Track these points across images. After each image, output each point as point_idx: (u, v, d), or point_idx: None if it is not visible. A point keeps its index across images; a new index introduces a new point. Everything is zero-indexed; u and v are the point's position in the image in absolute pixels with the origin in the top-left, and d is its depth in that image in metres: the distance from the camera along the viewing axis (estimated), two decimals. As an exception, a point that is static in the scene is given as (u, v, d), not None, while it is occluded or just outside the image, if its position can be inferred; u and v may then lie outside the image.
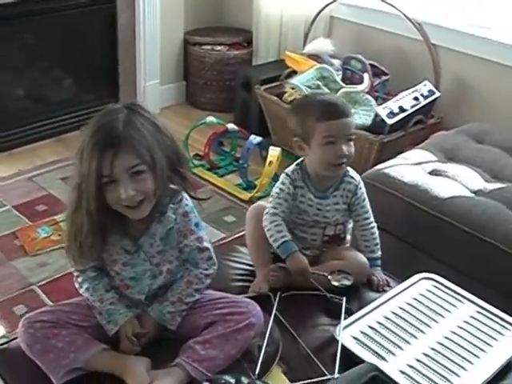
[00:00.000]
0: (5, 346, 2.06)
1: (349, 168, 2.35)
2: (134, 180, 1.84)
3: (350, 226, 2.44)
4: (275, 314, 2.11)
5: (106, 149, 1.81)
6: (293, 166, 2.37)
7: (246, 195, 4.00)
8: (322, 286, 2.24)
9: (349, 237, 2.46)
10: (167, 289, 2.05)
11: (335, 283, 2.22)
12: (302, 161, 2.36)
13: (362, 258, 2.34)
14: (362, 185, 2.37)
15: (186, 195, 2.03)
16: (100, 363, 1.92)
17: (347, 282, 2.22)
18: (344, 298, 2.19)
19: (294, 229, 2.39)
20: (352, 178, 2.35)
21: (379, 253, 2.41)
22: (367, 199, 2.39)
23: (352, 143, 2.26)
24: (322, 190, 2.33)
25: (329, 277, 2.23)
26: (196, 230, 2.05)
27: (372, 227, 2.40)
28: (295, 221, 2.37)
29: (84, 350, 1.92)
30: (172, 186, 1.98)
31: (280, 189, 2.34)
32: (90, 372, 1.92)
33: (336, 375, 1.87)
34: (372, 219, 2.40)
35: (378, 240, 2.41)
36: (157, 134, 1.90)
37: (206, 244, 2.07)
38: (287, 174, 2.35)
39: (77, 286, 2.08)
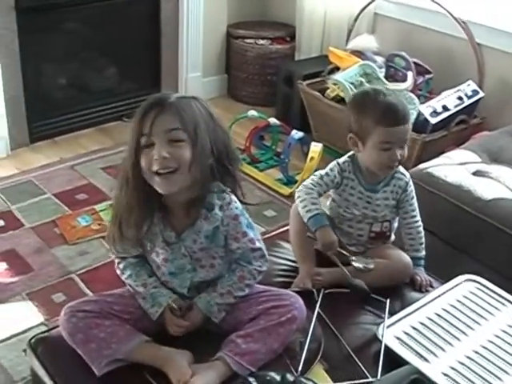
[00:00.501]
0: (46, 334, 2.08)
1: None
2: (170, 145, 1.84)
3: (396, 225, 2.44)
4: (318, 312, 2.11)
5: (151, 108, 1.85)
6: (345, 157, 2.37)
7: (286, 190, 3.99)
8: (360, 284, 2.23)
9: (393, 237, 2.45)
10: (209, 284, 2.04)
11: (358, 265, 2.23)
12: (354, 154, 2.35)
13: (406, 257, 2.34)
14: (411, 182, 2.37)
15: (234, 198, 2.00)
16: (141, 355, 1.92)
17: (370, 266, 2.22)
18: (387, 300, 2.18)
19: (341, 223, 2.40)
20: (403, 174, 2.35)
21: (423, 252, 2.40)
22: (415, 198, 2.39)
23: (405, 145, 2.26)
24: (372, 184, 2.33)
25: (352, 258, 2.25)
26: (248, 231, 2.02)
27: (418, 226, 2.40)
28: (343, 215, 2.38)
29: (126, 342, 1.92)
30: (221, 185, 1.97)
31: (326, 173, 2.36)
32: (130, 363, 1.92)
33: (378, 377, 1.86)
34: (419, 218, 2.40)
35: (423, 239, 2.41)
36: (210, 121, 1.91)
37: (258, 244, 2.05)
38: (338, 163, 2.36)
39: (118, 272, 2.08)
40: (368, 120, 2.22)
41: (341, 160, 2.37)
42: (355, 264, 2.23)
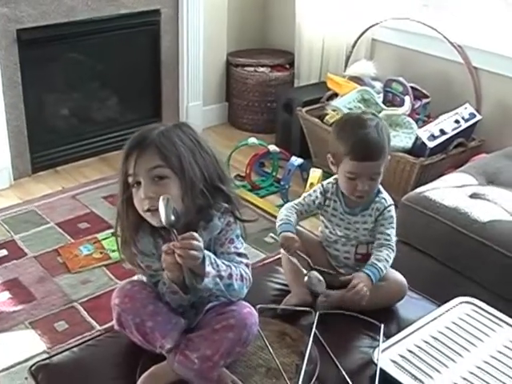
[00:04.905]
0: (46, 361, 2.08)
1: (383, 190, 2.35)
2: (155, 183, 1.86)
3: None
4: (314, 333, 2.11)
5: (133, 149, 1.87)
6: (330, 179, 2.40)
7: (286, 216, 4.00)
8: (354, 310, 2.23)
9: None
10: (208, 301, 2.01)
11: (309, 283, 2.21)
12: None
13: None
14: (392, 209, 2.34)
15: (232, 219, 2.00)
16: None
17: (318, 289, 2.20)
18: (382, 325, 2.18)
19: (328, 246, 2.42)
20: (384, 199, 2.34)
21: (383, 269, 2.24)
22: (395, 226, 2.34)
23: (376, 178, 2.26)
24: (351, 207, 2.35)
25: (305, 278, 2.22)
26: (236, 240, 2.01)
27: (390, 248, 2.29)
28: (329, 236, 2.41)
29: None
30: (224, 204, 1.98)
31: (309, 194, 2.41)
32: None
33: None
34: (393, 244, 2.31)
35: (390, 262, 2.27)
36: (196, 148, 1.92)
37: (243, 251, 2.03)
38: (322, 184, 2.40)
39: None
40: (340, 148, 2.25)
41: (325, 181, 2.40)
42: (306, 278, 2.21)
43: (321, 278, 2.20)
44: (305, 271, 2.23)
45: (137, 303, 1.94)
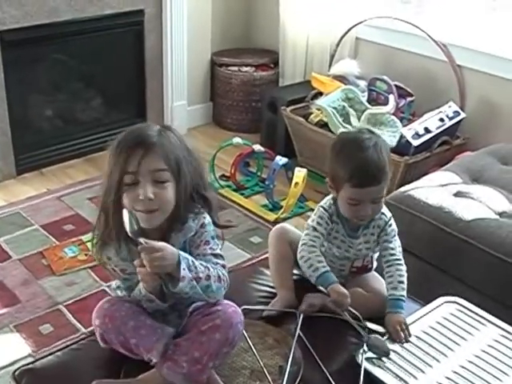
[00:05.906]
0: (30, 365, 2.07)
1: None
2: (155, 185, 1.85)
3: (377, 254, 2.39)
4: (298, 335, 2.10)
5: (137, 147, 1.83)
6: (329, 201, 2.30)
7: (271, 216, 4.01)
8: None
9: (375, 263, 2.41)
10: (190, 302, 2.01)
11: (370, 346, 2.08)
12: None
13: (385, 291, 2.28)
14: (392, 221, 2.30)
15: (208, 218, 2.00)
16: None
17: (380, 349, 2.06)
18: (366, 326, 2.15)
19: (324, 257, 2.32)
20: (383, 214, 2.29)
21: (403, 293, 2.23)
22: (397, 237, 2.31)
23: (379, 201, 2.19)
24: (353, 230, 2.28)
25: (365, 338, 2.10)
26: (211, 241, 2.00)
27: (398, 264, 2.27)
28: (326, 252, 2.33)
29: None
30: (197, 205, 1.98)
31: (318, 223, 2.28)
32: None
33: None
34: (399, 256, 2.29)
35: (404, 279, 2.25)
36: (187, 154, 1.93)
37: (220, 252, 2.00)
38: (325, 209, 2.29)
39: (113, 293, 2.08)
40: (340, 172, 2.17)
41: (326, 204, 2.29)
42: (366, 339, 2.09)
43: (379, 337, 2.11)
44: (364, 334, 2.11)
45: (117, 322, 1.93)
